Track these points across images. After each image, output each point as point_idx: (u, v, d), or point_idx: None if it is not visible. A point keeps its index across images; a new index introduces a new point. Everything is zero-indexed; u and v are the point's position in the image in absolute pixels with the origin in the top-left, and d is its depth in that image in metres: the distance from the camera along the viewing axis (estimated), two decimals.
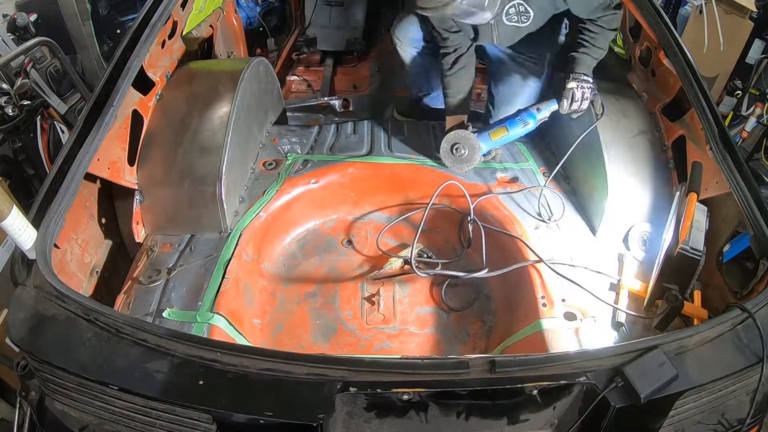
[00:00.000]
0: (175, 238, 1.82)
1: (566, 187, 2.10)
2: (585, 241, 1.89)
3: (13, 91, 2.62)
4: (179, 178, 1.83)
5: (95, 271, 1.72)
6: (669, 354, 1.18)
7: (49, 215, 1.40)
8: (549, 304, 1.66)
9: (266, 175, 2.08)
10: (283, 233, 2.07)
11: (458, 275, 1.87)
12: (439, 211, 2.10)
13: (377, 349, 1.78)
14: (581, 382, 1.16)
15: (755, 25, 3.43)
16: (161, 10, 1.94)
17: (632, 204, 1.87)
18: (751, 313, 1.26)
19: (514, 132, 2.07)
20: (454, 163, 2.09)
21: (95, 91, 1.70)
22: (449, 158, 2.08)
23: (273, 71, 2.48)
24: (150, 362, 1.15)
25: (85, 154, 1.53)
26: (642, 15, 2.03)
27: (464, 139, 2.05)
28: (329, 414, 1.10)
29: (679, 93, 1.96)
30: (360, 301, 1.90)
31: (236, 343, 1.54)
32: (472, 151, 2.05)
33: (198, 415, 1.13)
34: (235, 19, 3.10)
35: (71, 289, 1.26)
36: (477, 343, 1.82)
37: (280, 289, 1.94)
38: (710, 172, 1.70)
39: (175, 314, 1.58)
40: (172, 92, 2.03)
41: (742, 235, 1.61)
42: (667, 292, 1.59)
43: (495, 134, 2.08)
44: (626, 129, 1.98)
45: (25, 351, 1.23)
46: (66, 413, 1.29)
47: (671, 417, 1.24)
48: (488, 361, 1.14)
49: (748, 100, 3.44)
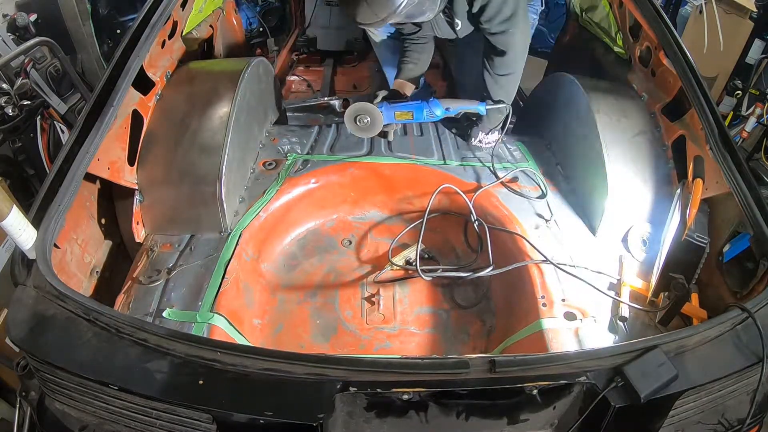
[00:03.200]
0: (175, 238, 1.82)
1: (566, 187, 2.10)
2: (585, 241, 1.89)
3: (13, 91, 2.62)
4: (179, 178, 1.83)
5: (95, 271, 1.72)
6: (669, 354, 1.18)
7: (49, 215, 1.40)
8: (549, 304, 1.65)
9: (266, 175, 2.08)
10: (283, 233, 2.08)
11: (463, 275, 1.87)
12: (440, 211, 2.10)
13: (377, 349, 1.78)
14: (581, 382, 1.16)
15: (755, 25, 3.43)
16: (161, 10, 1.94)
17: (632, 204, 1.87)
18: (751, 313, 1.26)
19: (418, 119, 2.11)
20: (357, 131, 2.09)
21: (95, 91, 1.69)
22: (352, 125, 2.08)
23: (273, 71, 2.48)
24: (150, 362, 1.15)
25: (85, 154, 1.53)
26: (642, 15, 2.04)
27: (368, 111, 2.05)
28: (329, 414, 1.10)
29: (679, 93, 1.96)
30: (360, 301, 1.90)
31: (236, 343, 1.54)
32: (374, 122, 2.06)
33: (198, 415, 1.13)
34: (235, 19, 3.10)
35: (71, 289, 1.25)
36: (477, 343, 1.82)
37: (280, 289, 1.94)
38: (710, 172, 1.70)
39: (175, 314, 1.58)
40: (172, 92, 2.03)
41: (742, 235, 1.61)
42: (673, 281, 1.58)
43: (400, 115, 2.10)
44: (626, 129, 1.98)
45: (25, 351, 1.23)
46: (66, 413, 1.29)
47: (671, 417, 1.24)
48: (488, 361, 1.14)
49: (748, 100, 3.45)
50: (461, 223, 2.08)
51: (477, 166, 2.15)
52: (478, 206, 2.00)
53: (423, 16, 1.89)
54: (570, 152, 2.15)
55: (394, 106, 2.09)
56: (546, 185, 2.06)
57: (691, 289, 1.62)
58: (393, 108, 2.08)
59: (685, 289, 1.56)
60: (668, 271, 1.64)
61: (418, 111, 2.08)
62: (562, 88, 2.22)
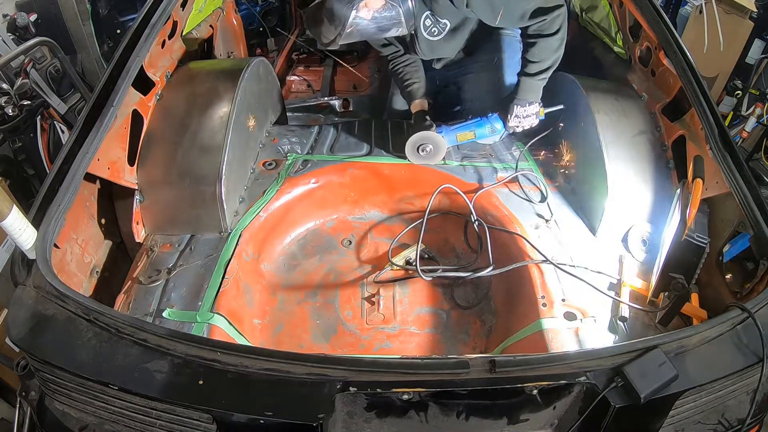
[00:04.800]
0: (175, 238, 1.82)
1: (566, 187, 2.10)
2: (585, 241, 1.89)
3: (13, 91, 2.62)
4: (179, 178, 1.83)
5: (95, 271, 1.72)
6: (669, 354, 1.18)
7: (49, 215, 1.40)
8: (549, 304, 1.65)
9: (266, 175, 2.08)
10: (283, 233, 2.07)
11: (463, 275, 1.87)
12: (440, 211, 2.10)
13: (377, 349, 1.78)
14: (581, 382, 1.16)
15: (755, 25, 3.43)
16: (161, 10, 1.94)
17: (632, 204, 1.87)
18: (751, 313, 1.26)
19: (480, 137, 2.12)
20: (421, 161, 2.09)
21: (95, 91, 1.70)
22: (415, 157, 2.08)
23: (273, 71, 2.48)
24: (150, 362, 1.15)
25: (85, 154, 1.53)
26: (642, 15, 2.04)
27: (429, 139, 2.05)
28: (329, 414, 1.10)
29: (679, 93, 1.95)
30: (360, 301, 1.90)
31: (236, 343, 1.54)
32: (438, 148, 2.06)
33: (198, 415, 1.13)
34: (235, 19, 3.10)
35: (71, 289, 1.26)
36: (477, 343, 1.82)
37: (280, 289, 1.94)
38: (710, 172, 1.70)
39: (175, 314, 1.58)
40: (172, 92, 2.03)
41: (742, 235, 1.61)
42: (673, 281, 1.58)
43: (462, 137, 2.10)
44: (626, 129, 1.98)
45: (25, 351, 1.23)
46: (66, 413, 1.29)
47: (671, 417, 1.24)
48: (488, 361, 1.14)
49: (748, 100, 3.45)
50: (461, 223, 2.08)
51: (477, 166, 2.14)
52: (478, 206, 2.00)
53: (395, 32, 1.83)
54: (570, 152, 2.15)
55: (453, 128, 2.10)
56: (546, 186, 2.06)
57: (691, 289, 1.62)
58: (453, 131, 2.09)
59: (685, 289, 1.56)
60: (668, 271, 1.63)
61: (479, 128, 2.08)
62: (562, 88, 2.21)
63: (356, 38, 1.81)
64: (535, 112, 2.06)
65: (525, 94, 2.03)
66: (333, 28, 1.71)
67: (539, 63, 1.98)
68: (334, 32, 1.72)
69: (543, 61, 1.98)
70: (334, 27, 1.71)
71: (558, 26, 1.92)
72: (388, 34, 1.86)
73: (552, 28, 1.92)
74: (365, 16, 1.74)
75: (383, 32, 1.84)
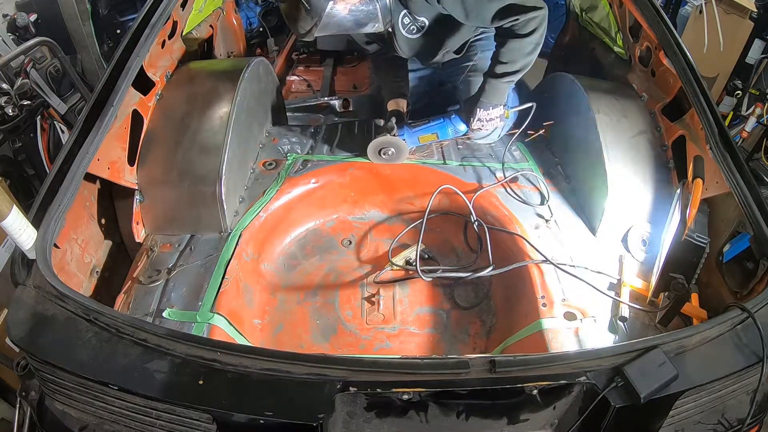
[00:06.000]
0: (175, 238, 1.82)
1: (566, 187, 2.10)
2: (585, 241, 1.89)
3: (13, 91, 2.62)
4: (179, 178, 1.83)
5: (95, 271, 1.72)
6: (669, 354, 1.18)
7: (49, 215, 1.40)
8: (549, 304, 1.65)
9: (266, 175, 2.08)
10: (283, 233, 2.07)
11: (463, 275, 1.87)
12: (440, 212, 2.10)
13: (377, 349, 1.78)
14: (581, 382, 1.16)
15: (755, 25, 3.43)
16: (161, 10, 1.94)
17: (632, 204, 1.87)
18: (751, 313, 1.26)
19: (443, 138, 2.11)
20: (383, 162, 2.09)
21: (95, 91, 1.70)
22: (376, 158, 2.08)
23: (273, 71, 2.48)
24: (150, 362, 1.15)
25: (85, 154, 1.53)
26: (642, 15, 2.03)
27: (391, 143, 2.04)
28: (329, 414, 1.10)
29: (679, 93, 1.96)
30: (360, 301, 1.90)
31: (236, 343, 1.54)
32: (399, 151, 2.06)
33: (198, 415, 1.13)
34: (235, 19, 3.11)
35: (71, 289, 1.26)
36: (477, 343, 1.82)
37: (280, 289, 1.94)
38: (710, 172, 1.70)
39: (175, 314, 1.58)
40: (172, 92, 2.03)
41: (742, 235, 1.61)
42: (673, 281, 1.58)
43: (425, 138, 2.10)
44: (626, 129, 1.98)
45: (25, 351, 1.23)
46: (66, 413, 1.29)
47: (671, 417, 1.24)
48: (488, 361, 1.14)
49: (748, 100, 3.44)
50: (461, 223, 2.08)
51: (477, 167, 2.14)
52: (478, 206, 2.00)
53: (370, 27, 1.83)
54: (570, 152, 2.15)
55: (415, 130, 2.09)
56: (547, 186, 2.06)
57: (691, 289, 1.61)
58: (416, 132, 2.09)
59: (685, 289, 1.56)
60: (668, 271, 1.63)
61: (442, 130, 2.07)
62: (562, 88, 2.21)
63: (332, 30, 1.79)
64: (498, 115, 2.03)
65: (489, 97, 1.98)
66: (309, 19, 1.70)
67: (507, 65, 1.92)
68: (310, 22, 1.71)
69: (512, 63, 1.91)
70: (310, 17, 1.69)
71: (532, 28, 1.85)
72: (365, 29, 1.85)
73: (526, 29, 1.85)
74: (342, 9, 1.72)
75: (360, 27, 1.82)
